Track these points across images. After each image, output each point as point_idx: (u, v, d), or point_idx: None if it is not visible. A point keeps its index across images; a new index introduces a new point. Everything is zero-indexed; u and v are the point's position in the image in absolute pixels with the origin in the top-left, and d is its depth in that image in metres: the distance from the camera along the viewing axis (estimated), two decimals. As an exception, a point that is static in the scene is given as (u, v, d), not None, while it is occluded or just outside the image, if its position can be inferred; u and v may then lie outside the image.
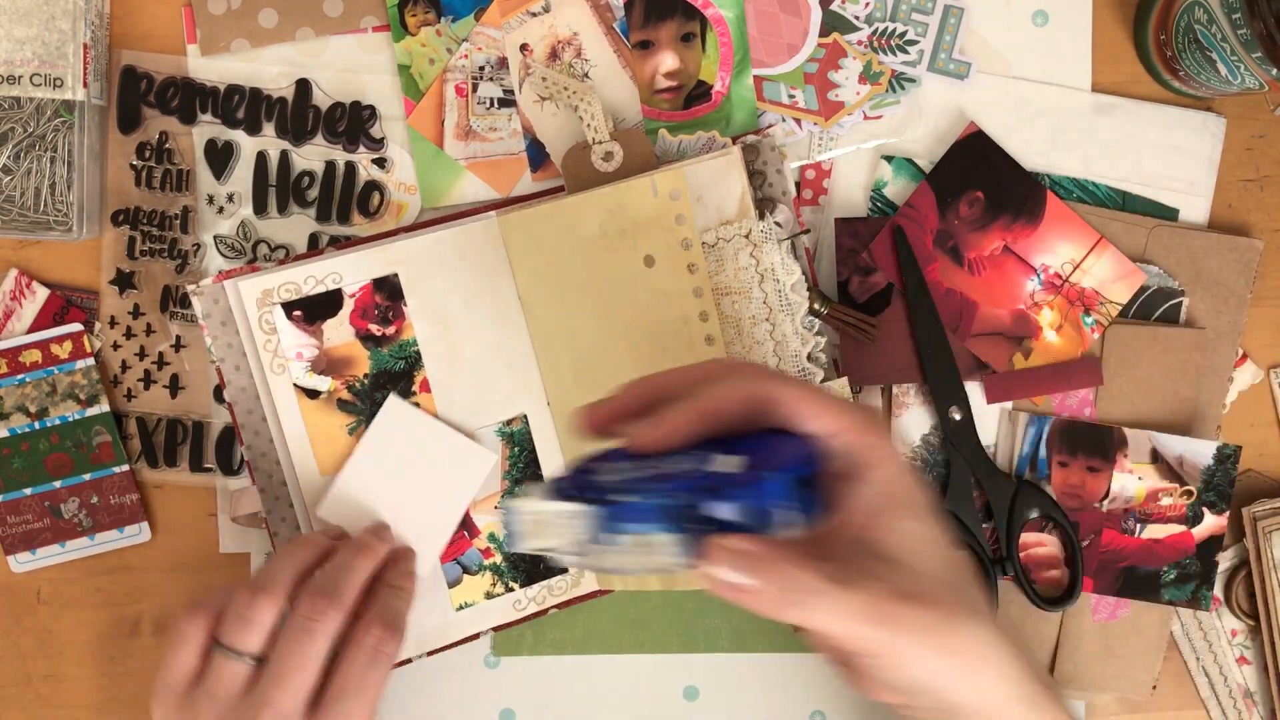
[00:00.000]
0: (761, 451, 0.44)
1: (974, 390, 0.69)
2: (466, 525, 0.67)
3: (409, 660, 0.67)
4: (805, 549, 0.44)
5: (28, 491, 0.69)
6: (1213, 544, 0.68)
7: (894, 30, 0.69)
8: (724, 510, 0.41)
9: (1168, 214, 0.70)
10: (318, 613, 0.55)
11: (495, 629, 0.68)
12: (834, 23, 0.69)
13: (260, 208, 0.69)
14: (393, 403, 0.65)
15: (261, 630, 0.56)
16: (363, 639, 0.57)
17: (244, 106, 0.69)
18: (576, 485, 0.44)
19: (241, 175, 0.69)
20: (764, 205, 0.66)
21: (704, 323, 0.64)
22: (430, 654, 0.67)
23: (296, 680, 0.54)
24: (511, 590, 0.67)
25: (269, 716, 0.54)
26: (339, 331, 0.66)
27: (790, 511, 0.42)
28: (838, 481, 0.46)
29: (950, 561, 0.46)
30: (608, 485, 0.43)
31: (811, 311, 0.66)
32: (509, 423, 0.67)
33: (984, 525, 0.68)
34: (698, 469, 0.43)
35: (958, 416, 0.68)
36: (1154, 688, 0.69)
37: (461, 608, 0.67)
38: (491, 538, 0.67)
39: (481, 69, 0.68)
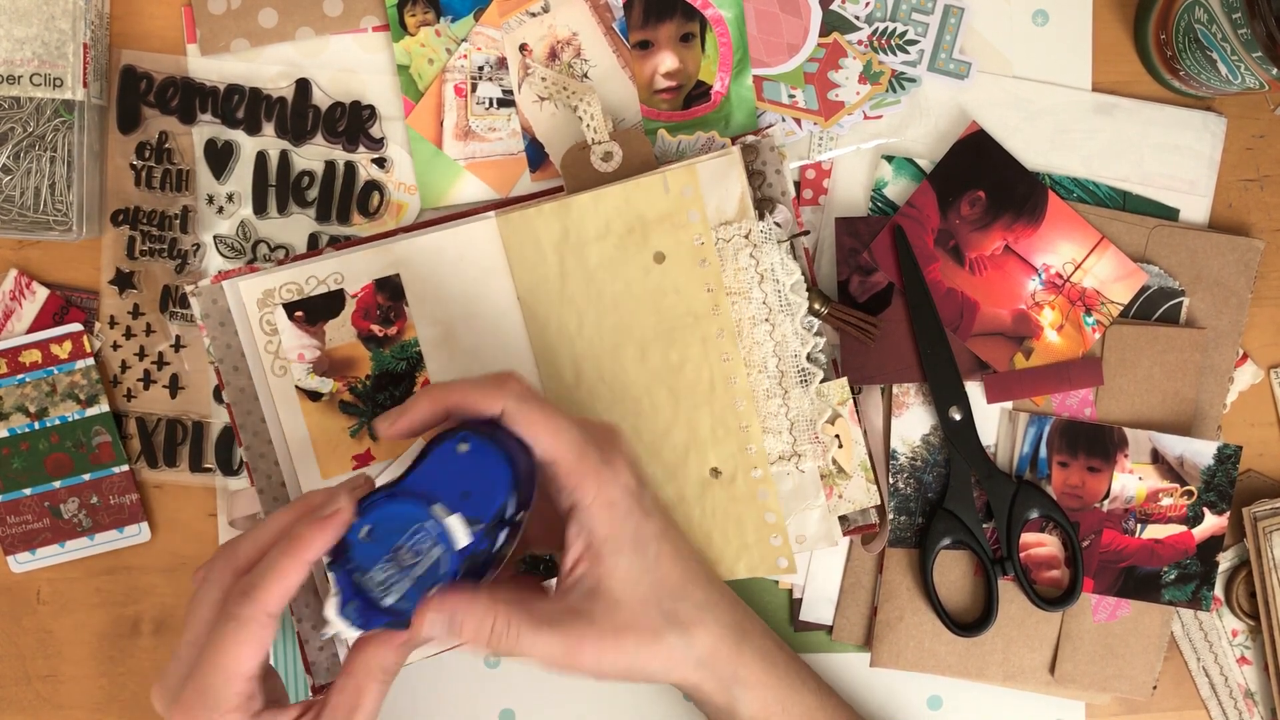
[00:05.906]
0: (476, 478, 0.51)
1: (974, 390, 0.69)
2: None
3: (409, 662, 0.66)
4: (531, 587, 0.57)
5: (27, 491, 0.69)
6: (1213, 544, 0.68)
7: (894, 30, 0.69)
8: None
9: (1168, 214, 0.70)
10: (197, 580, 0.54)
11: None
12: (834, 22, 0.69)
13: (260, 208, 0.69)
14: None
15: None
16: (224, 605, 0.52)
17: (244, 106, 0.68)
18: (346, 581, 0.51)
19: (241, 175, 0.69)
20: (763, 205, 0.66)
21: (716, 316, 0.64)
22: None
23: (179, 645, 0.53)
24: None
25: (159, 680, 0.54)
26: (341, 332, 0.65)
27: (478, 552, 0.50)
28: (566, 514, 0.53)
29: (657, 582, 0.55)
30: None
31: (811, 312, 0.66)
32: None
33: (984, 525, 0.68)
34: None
35: (958, 416, 0.68)
36: (1154, 688, 0.69)
37: None
38: None
39: (480, 69, 0.68)
